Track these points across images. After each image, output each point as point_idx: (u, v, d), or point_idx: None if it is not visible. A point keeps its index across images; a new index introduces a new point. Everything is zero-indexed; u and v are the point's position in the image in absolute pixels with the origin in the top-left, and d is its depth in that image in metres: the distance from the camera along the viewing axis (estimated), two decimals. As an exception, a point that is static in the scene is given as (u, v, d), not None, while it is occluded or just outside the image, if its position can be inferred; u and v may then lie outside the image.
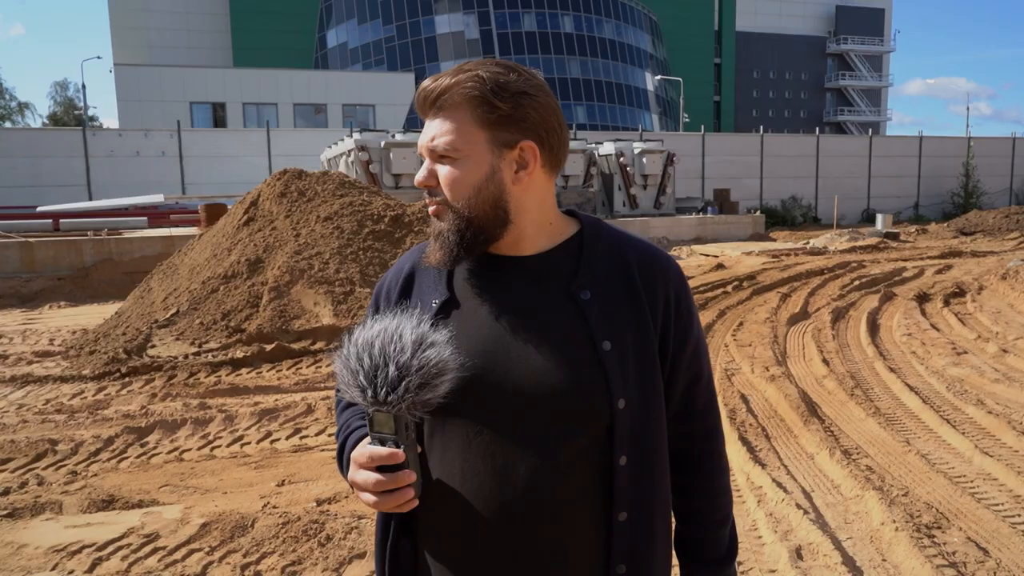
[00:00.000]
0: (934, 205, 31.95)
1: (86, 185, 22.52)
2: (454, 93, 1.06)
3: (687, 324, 1.14)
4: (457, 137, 1.06)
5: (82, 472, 4.30)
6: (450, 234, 1.08)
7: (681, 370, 1.14)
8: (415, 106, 1.12)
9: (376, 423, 1.00)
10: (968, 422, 4.98)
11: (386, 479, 1.00)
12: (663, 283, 1.13)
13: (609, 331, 1.07)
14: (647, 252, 1.15)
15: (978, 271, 12.61)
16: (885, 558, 3.13)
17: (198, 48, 40.89)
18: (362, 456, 1.02)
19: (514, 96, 1.05)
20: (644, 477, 1.08)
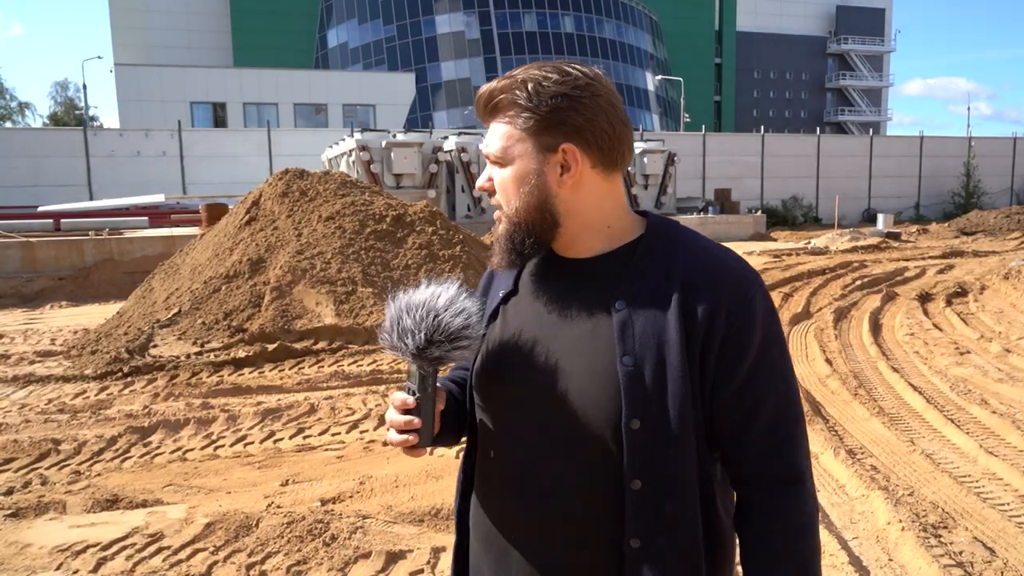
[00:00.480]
0: (935, 205, 31.95)
1: (87, 185, 22.52)
2: (500, 99, 1.08)
3: (739, 353, 1.02)
4: (504, 143, 1.09)
5: (85, 472, 4.29)
6: (503, 238, 1.12)
7: (726, 404, 1.03)
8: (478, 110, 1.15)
9: (408, 374, 1.13)
10: (972, 422, 4.98)
11: (398, 420, 1.11)
12: (709, 297, 1.01)
13: (634, 346, 1.02)
14: (710, 266, 1.05)
15: (980, 271, 12.60)
16: (892, 558, 3.12)
17: (198, 48, 40.90)
18: (394, 399, 1.13)
19: (551, 99, 1.04)
20: (661, 506, 1.01)
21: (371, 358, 6.87)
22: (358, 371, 6.45)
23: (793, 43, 58.28)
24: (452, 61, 39.96)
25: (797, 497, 1.04)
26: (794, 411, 1.06)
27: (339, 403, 5.49)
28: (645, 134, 27.30)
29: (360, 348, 7.12)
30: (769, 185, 29.33)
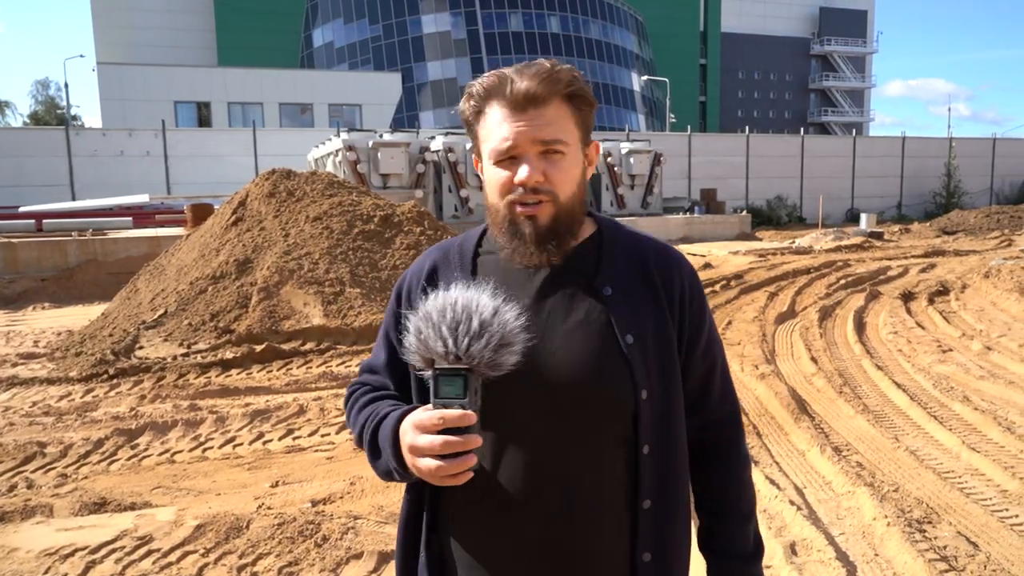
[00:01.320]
0: (916, 205, 32.32)
1: (69, 185, 22.26)
2: (559, 87, 1.08)
3: (700, 316, 1.19)
4: (564, 131, 1.09)
5: (72, 475, 4.25)
6: (551, 231, 1.09)
7: (696, 360, 1.18)
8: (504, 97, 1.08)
9: (442, 388, 0.99)
10: (955, 418, 5.05)
11: (455, 440, 0.97)
12: (679, 278, 1.17)
13: (631, 325, 1.10)
14: (662, 249, 1.20)
15: (961, 270, 12.78)
16: (878, 553, 3.17)
17: (182, 47, 40.53)
18: (430, 419, 0.98)
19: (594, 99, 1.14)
20: (666, 466, 1.12)
21: (359, 358, 6.85)
22: (347, 372, 6.44)
23: (777, 44, 58.73)
24: (438, 61, 39.88)
25: (742, 429, 1.26)
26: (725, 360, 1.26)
27: (328, 404, 5.47)
28: (631, 134, 27.40)
29: (348, 348, 7.10)
30: (754, 185, 29.53)
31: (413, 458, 1.02)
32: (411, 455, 1.02)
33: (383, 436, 1.09)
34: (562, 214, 1.10)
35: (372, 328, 7.34)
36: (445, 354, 0.99)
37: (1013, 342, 7.21)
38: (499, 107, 1.09)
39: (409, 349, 1.04)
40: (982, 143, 34.84)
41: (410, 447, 1.02)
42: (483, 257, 1.18)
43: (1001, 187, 34.46)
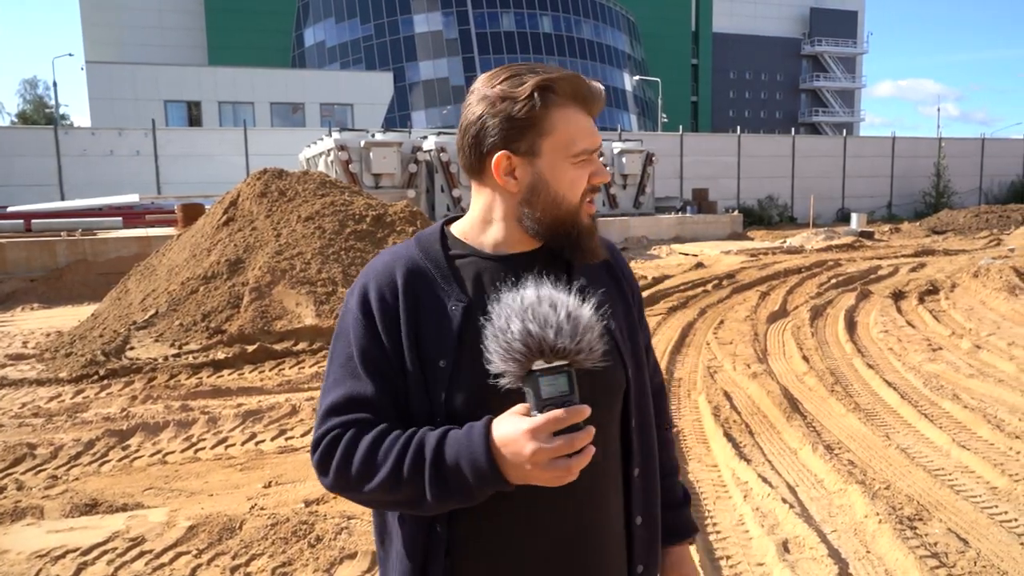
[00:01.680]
0: (906, 204, 32.53)
1: (58, 185, 22.10)
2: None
3: (640, 296, 1.35)
4: None
5: (63, 476, 4.23)
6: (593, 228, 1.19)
7: (642, 334, 1.31)
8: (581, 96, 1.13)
9: (544, 388, 0.96)
10: (945, 416, 5.09)
11: (582, 435, 0.95)
12: (626, 267, 1.32)
13: (608, 312, 1.17)
14: (607, 242, 1.32)
15: (951, 269, 12.87)
16: (869, 550, 3.19)
17: (172, 46, 40.34)
18: (552, 419, 0.94)
19: None
20: (647, 435, 1.24)
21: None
22: (339, 372, 6.42)
23: (768, 44, 58.98)
24: (430, 61, 39.84)
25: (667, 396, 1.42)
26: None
27: (321, 404, 5.46)
28: (623, 134, 27.46)
29: (341, 349, 7.08)
30: (745, 185, 29.66)
31: (533, 468, 0.96)
32: (532, 464, 0.95)
33: (461, 457, 0.99)
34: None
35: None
36: (552, 351, 0.96)
37: (1002, 341, 7.27)
38: (577, 106, 1.13)
39: (497, 357, 0.98)
40: (971, 143, 35.11)
41: (533, 454, 0.95)
42: (459, 262, 1.15)
43: (990, 187, 34.75)
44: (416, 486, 1.01)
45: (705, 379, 6.10)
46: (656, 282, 11.55)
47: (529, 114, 1.09)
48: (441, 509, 1.03)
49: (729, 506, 3.67)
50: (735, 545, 3.27)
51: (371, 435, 1.05)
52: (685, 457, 4.39)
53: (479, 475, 0.98)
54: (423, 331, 1.09)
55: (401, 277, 1.12)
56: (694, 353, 7.15)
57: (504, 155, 1.11)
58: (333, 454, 1.06)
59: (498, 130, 1.10)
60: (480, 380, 1.03)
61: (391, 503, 1.06)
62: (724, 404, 5.32)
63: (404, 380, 1.09)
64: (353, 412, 1.08)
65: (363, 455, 1.04)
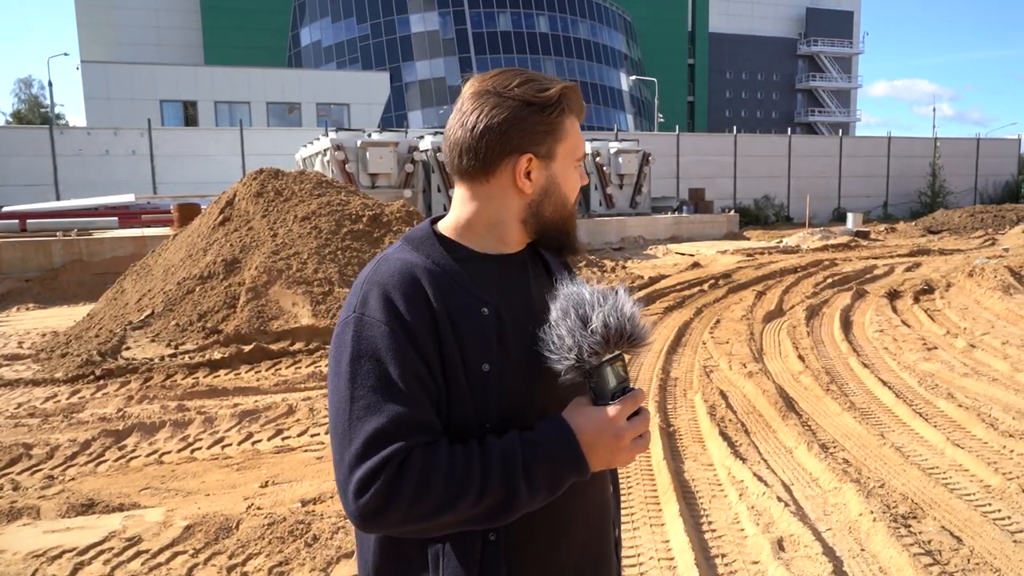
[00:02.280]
0: (902, 204, 32.62)
1: (53, 185, 22.03)
2: None
3: None
4: None
5: (59, 476, 4.22)
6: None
7: None
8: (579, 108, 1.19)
9: (609, 377, 1.04)
10: (940, 415, 5.11)
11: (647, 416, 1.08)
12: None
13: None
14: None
15: (946, 269, 12.91)
16: (864, 548, 3.20)
17: (168, 45, 40.25)
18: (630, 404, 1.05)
19: None
20: None
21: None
22: (336, 372, 6.42)
23: (764, 44, 59.07)
24: (427, 60, 39.81)
25: None
26: None
27: (318, 404, 5.46)
28: (620, 134, 27.48)
29: (338, 349, 7.08)
30: (742, 185, 29.70)
31: (620, 451, 1.05)
32: (621, 449, 1.05)
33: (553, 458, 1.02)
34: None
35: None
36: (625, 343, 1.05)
37: (996, 340, 7.30)
38: (575, 115, 1.19)
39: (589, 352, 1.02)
40: (966, 143, 35.22)
41: (623, 438, 1.04)
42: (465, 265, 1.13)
43: (985, 187, 34.85)
44: (505, 496, 0.99)
45: (701, 378, 6.11)
46: (652, 282, 11.57)
47: (556, 119, 1.13)
48: (521, 512, 1.03)
49: (724, 504, 3.68)
50: (730, 543, 3.29)
51: (441, 453, 0.99)
52: (681, 456, 4.41)
53: (571, 469, 1.04)
54: (460, 337, 1.06)
55: (427, 282, 1.06)
56: (690, 352, 7.17)
57: (528, 157, 1.12)
58: (401, 482, 0.96)
59: (526, 133, 1.11)
60: (528, 380, 1.09)
61: (466, 520, 1.00)
62: (720, 403, 5.33)
63: (446, 391, 1.05)
64: (408, 434, 0.99)
65: (445, 475, 0.98)
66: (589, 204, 21.24)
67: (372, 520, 0.98)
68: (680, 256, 16.11)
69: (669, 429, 4.86)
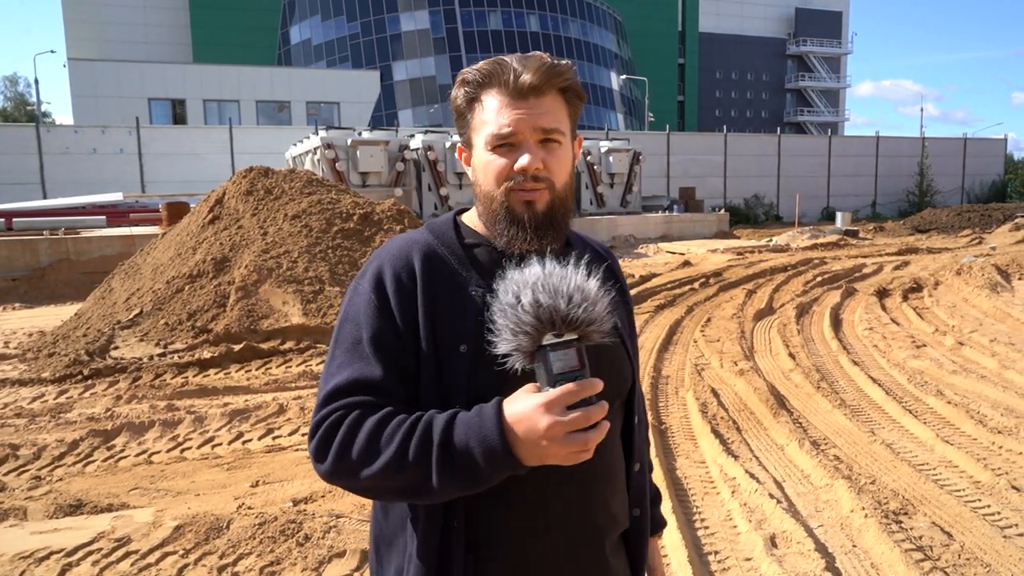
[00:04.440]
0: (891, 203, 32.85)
1: (40, 183, 21.84)
2: (557, 79, 1.11)
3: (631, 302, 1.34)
4: (563, 120, 1.13)
5: (46, 477, 4.18)
6: (548, 218, 1.10)
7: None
8: (499, 83, 1.08)
9: (555, 363, 0.93)
10: (929, 412, 5.15)
11: (599, 407, 0.92)
12: (621, 272, 1.33)
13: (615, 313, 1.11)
14: (605, 247, 1.36)
15: (934, 267, 13.01)
16: (856, 544, 3.21)
17: (156, 43, 39.94)
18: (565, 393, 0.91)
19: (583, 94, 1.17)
20: (644, 432, 1.31)
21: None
22: (327, 371, 6.38)
23: (754, 44, 59.29)
24: (417, 59, 39.70)
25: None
26: None
27: (309, 403, 5.43)
28: (610, 133, 27.52)
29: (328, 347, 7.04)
30: (732, 184, 29.82)
31: (550, 444, 0.92)
32: (548, 439, 0.91)
33: (471, 438, 0.95)
34: (558, 202, 1.11)
35: (352, 327, 7.29)
36: (564, 322, 0.93)
37: (984, 337, 7.35)
38: (498, 94, 1.09)
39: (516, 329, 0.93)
40: (954, 143, 35.51)
41: (549, 428, 0.91)
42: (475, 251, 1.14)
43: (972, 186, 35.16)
44: (422, 470, 0.96)
45: (693, 376, 6.12)
46: (644, 280, 11.59)
47: (460, 106, 1.13)
48: (446, 495, 0.98)
49: (717, 502, 3.69)
50: (723, 540, 3.29)
51: (376, 417, 1.00)
52: (673, 453, 4.41)
53: (491, 456, 0.94)
54: (441, 316, 1.06)
55: (418, 261, 1.09)
56: (681, 350, 7.18)
57: (460, 149, 1.19)
58: (334, 437, 1.00)
59: (457, 123, 1.16)
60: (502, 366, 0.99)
61: (392, 490, 1.00)
62: (711, 401, 5.34)
63: (416, 365, 1.05)
64: (358, 395, 1.03)
65: (366, 436, 0.99)
66: (580, 203, 21.26)
67: (316, 467, 1.03)
68: (671, 255, 16.15)
69: (661, 427, 4.87)
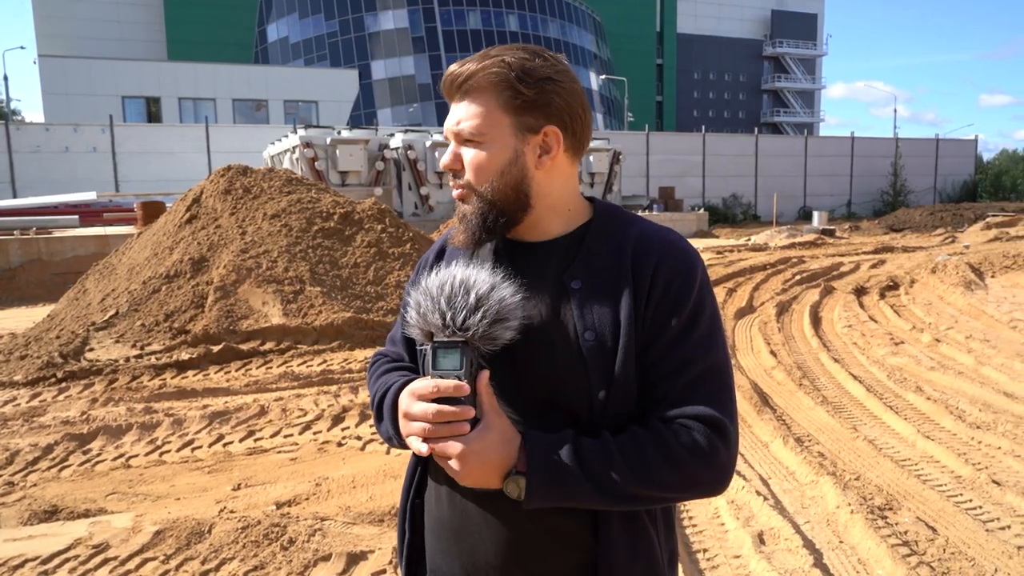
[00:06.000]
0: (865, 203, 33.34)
1: (10, 182, 21.38)
2: (480, 78, 1.08)
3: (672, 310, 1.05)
4: (482, 121, 1.09)
5: (20, 482, 4.06)
6: (473, 217, 1.11)
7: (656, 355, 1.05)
8: (442, 90, 1.13)
9: (440, 360, 1.01)
10: (909, 408, 5.21)
11: (448, 410, 0.99)
12: (652, 265, 1.07)
13: (593, 322, 1.05)
14: (652, 237, 1.11)
15: (909, 265, 13.20)
16: (842, 540, 3.23)
17: (130, 40, 39.28)
18: (426, 387, 1.01)
19: (539, 82, 1.07)
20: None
21: (321, 358, 6.73)
22: (308, 371, 6.31)
23: (731, 45, 59.84)
24: (396, 58, 39.48)
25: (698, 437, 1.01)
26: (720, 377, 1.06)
27: (290, 404, 5.36)
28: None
29: (309, 348, 6.96)
30: (710, 184, 30.07)
31: (406, 424, 1.04)
32: (404, 421, 1.04)
33: (386, 404, 1.15)
34: (483, 202, 1.09)
35: (333, 327, 7.21)
36: (443, 327, 1.01)
37: (960, 334, 7.47)
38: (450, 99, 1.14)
39: (410, 323, 1.06)
40: (926, 143, 36.13)
41: (404, 413, 1.04)
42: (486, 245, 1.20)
43: (944, 186, 35.81)
44: (375, 416, 1.21)
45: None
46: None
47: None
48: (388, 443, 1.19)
49: (704, 499, 3.69)
50: (711, 538, 3.29)
51: (382, 367, 1.26)
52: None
53: (388, 423, 1.14)
54: None
55: (439, 244, 1.26)
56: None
57: None
58: (368, 375, 1.30)
59: None
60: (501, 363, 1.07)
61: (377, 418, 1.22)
62: (696, 399, 5.35)
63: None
64: (387, 346, 1.34)
65: (371, 381, 1.27)
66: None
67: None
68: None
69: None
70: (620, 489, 0.99)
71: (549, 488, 0.99)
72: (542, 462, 0.99)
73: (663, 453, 1.00)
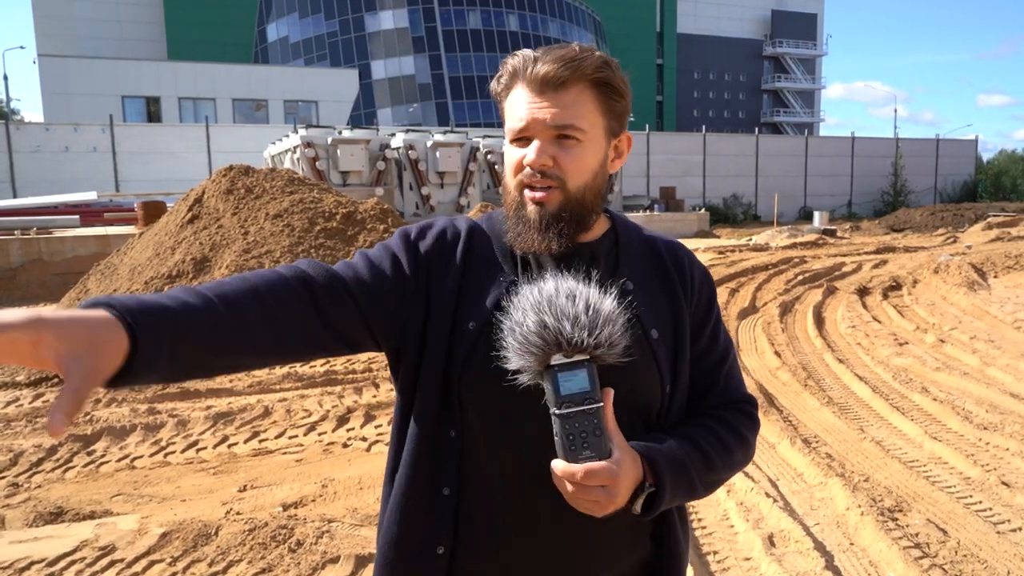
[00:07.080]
0: (866, 203, 33.34)
1: (10, 182, 21.35)
2: (583, 73, 1.04)
3: (710, 308, 1.19)
4: (585, 118, 1.05)
5: (24, 484, 4.04)
6: (557, 219, 1.05)
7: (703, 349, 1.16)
8: (520, 76, 1.05)
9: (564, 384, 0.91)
10: (915, 409, 5.19)
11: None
12: (689, 268, 1.18)
13: (655, 320, 1.10)
14: (672, 244, 1.21)
15: (911, 266, 13.19)
16: (853, 542, 3.21)
17: (130, 39, 39.23)
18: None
19: (627, 88, 1.10)
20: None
21: (324, 358, 6.71)
22: (311, 372, 6.29)
23: (731, 45, 59.83)
24: (396, 58, 39.44)
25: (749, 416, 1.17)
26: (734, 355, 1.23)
27: (294, 405, 5.34)
28: (591, 133, 27.57)
29: (313, 348, 6.94)
30: (711, 184, 30.06)
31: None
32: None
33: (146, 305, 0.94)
34: (571, 203, 1.06)
35: (337, 327, 7.20)
36: (567, 346, 0.92)
37: (964, 335, 7.45)
38: (522, 87, 1.07)
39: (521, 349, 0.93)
40: (926, 143, 36.13)
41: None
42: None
43: (944, 186, 35.81)
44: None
45: (681, 375, 6.12)
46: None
47: (498, 96, 1.11)
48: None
49: (713, 501, 3.67)
50: (721, 540, 3.27)
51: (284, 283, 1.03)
52: (666, 453, 4.39)
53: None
54: (468, 285, 1.09)
55: (464, 231, 1.14)
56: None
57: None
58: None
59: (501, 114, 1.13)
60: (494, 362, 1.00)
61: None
62: (701, 400, 5.34)
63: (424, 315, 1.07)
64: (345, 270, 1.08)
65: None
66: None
67: None
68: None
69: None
70: (716, 481, 1.10)
71: (672, 499, 1.02)
72: (668, 474, 1.00)
73: (735, 438, 1.12)
